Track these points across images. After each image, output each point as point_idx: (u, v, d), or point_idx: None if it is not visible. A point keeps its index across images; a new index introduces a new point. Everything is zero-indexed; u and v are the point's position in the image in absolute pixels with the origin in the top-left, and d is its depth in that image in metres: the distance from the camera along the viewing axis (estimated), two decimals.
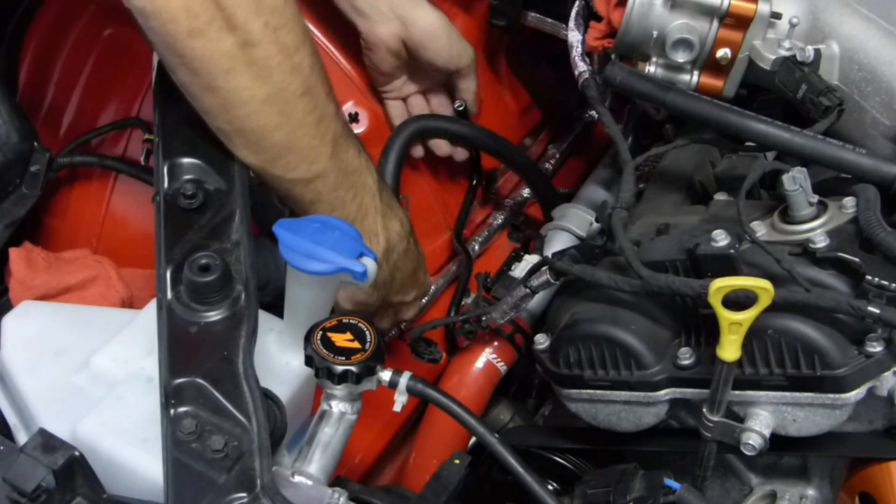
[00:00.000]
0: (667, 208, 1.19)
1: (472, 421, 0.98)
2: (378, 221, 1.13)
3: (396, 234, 1.17)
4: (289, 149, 1.04)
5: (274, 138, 1.03)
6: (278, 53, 0.99)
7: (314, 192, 1.08)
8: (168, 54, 0.97)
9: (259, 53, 0.98)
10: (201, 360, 0.92)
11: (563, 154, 1.64)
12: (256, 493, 0.84)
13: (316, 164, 1.06)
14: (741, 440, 1.02)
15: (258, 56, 0.98)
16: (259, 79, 0.99)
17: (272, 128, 1.02)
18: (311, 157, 1.06)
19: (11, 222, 1.32)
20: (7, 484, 0.84)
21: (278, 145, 1.04)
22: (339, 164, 1.08)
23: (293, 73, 1.01)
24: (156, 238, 1.00)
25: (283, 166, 1.06)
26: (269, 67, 0.99)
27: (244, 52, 0.97)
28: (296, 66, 1.01)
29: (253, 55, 0.98)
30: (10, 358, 1.05)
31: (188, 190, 1.02)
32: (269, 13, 0.97)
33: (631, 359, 1.06)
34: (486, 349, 1.35)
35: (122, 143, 1.39)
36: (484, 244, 1.49)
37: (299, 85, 1.02)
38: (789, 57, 1.13)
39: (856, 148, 1.06)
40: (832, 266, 0.98)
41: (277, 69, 1.00)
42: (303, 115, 1.03)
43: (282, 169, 1.06)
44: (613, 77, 1.17)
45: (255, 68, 0.98)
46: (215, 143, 1.05)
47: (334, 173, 1.08)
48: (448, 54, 1.35)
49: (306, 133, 1.04)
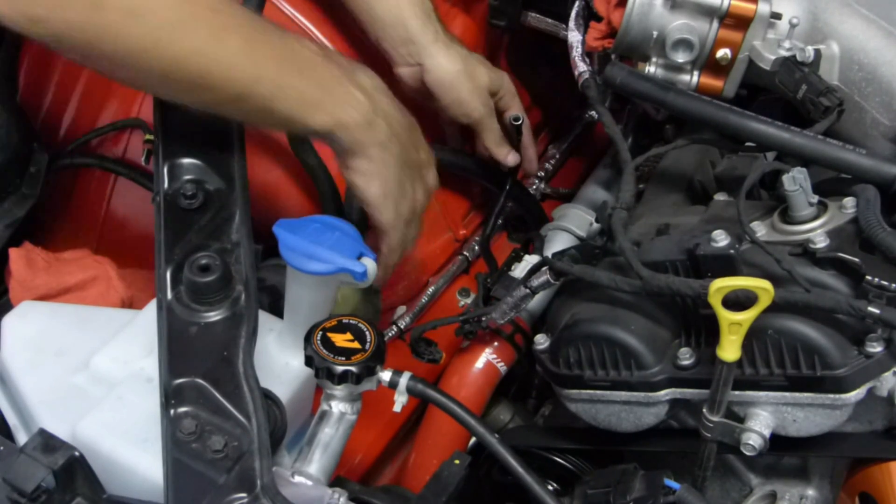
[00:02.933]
0: (667, 208, 1.19)
1: (472, 421, 0.98)
2: (345, 83, 1.05)
3: (370, 85, 1.08)
4: (209, 69, 0.97)
5: (192, 62, 0.96)
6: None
7: (260, 98, 1.01)
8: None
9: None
10: (201, 360, 0.92)
11: (563, 154, 1.64)
12: (256, 494, 0.84)
13: (248, 72, 0.99)
14: (741, 440, 1.02)
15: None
16: (170, 1, 0.94)
17: (190, 51, 0.96)
18: (241, 67, 0.99)
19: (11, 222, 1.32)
20: (7, 484, 0.84)
21: (198, 67, 0.97)
22: (273, 63, 1.01)
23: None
24: (156, 238, 1.00)
25: (209, 87, 0.98)
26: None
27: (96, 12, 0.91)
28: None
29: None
30: (10, 358, 1.05)
31: (188, 190, 1.02)
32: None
33: (631, 359, 1.06)
34: (486, 349, 1.35)
35: (123, 144, 1.39)
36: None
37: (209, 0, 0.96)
38: (789, 57, 1.13)
39: (856, 148, 1.06)
40: (832, 266, 0.98)
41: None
42: (217, 30, 0.97)
43: (209, 90, 0.99)
44: (613, 77, 1.17)
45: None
46: (215, 143, 1.05)
47: (271, 73, 1.00)
48: (459, 109, 1.34)
49: (226, 46, 0.98)
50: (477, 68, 1.34)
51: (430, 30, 1.30)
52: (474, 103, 1.33)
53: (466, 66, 1.32)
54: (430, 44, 1.29)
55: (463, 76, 1.31)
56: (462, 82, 1.31)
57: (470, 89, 1.32)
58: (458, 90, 1.32)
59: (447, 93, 1.32)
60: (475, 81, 1.33)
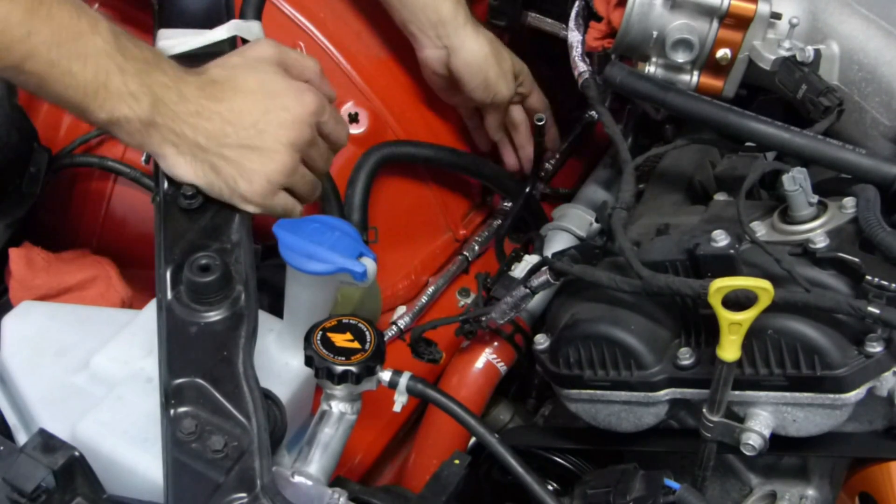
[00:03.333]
0: (667, 208, 1.19)
1: (472, 421, 0.98)
2: (130, 81, 0.97)
3: (162, 85, 1.00)
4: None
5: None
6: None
7: (33, 75, 0.95)
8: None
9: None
10: (201, 360, 0.92)
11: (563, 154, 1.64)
12: (256, 494, 0.84)
13: (13, 50, 0.93)
14: (741, 440, 1.02)
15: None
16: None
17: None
18: (7, 37, 0.92)
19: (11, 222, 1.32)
20: (7, 484, 0.84)
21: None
22: (48, 39, 0.94)
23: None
24: (156, 238, 1.00)
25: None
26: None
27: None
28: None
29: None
30: (10, 358, 1.05)
31: (188, 190, 1.02)
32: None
33: (631, 359, 1.06)
34: (486, 349, 1.35)
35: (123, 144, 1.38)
36: (484, 244, 1.49)
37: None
38: (789, 57, 1.13)
39: (856, 148, 1.06)
40: (832, 266, 0.98)
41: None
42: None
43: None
44: (613, 77, 1.17)
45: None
46: None
47: (44, 49, 0.94)
48: (484, 92, 1.36)
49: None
50: (502, 51, 1.37)
51: (462, 13, 1.32)
52: (500, 85, 1.36)
53: (493, 48, 1.35)
54: (461, 27, 1.32)
55: (492, 58, 1.34)
56: (491, 65, 1.34)
57: (497, 72, 1.35)
58: (486, 72, 1.34)
59: (475, 75, 1.34)
60: (503, 65, 1.36)
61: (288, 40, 1.35)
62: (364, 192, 1.32)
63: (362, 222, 1.32)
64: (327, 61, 1.37)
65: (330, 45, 1.37)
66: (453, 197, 1.48)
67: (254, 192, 1.01)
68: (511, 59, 1.39)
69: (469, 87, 1.36)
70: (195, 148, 1.01)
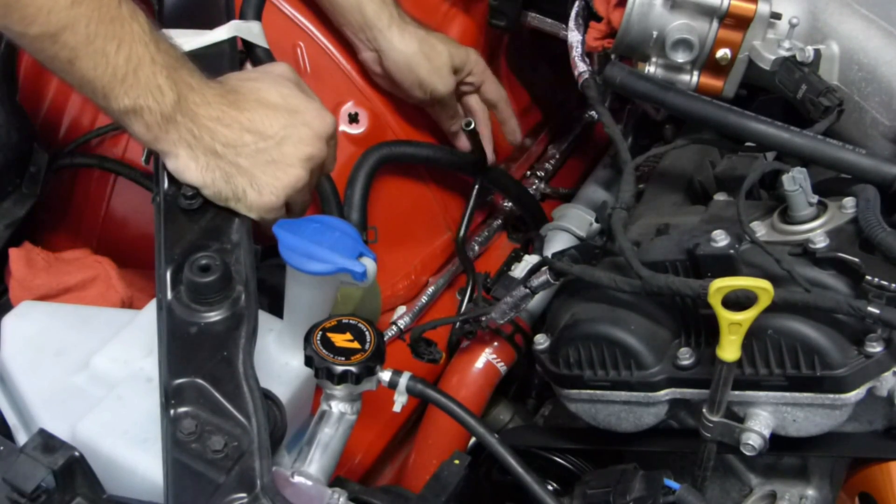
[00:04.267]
0: (667, 208, 1.19)
1: (472, 421, 0.98)
2: (159, 73, 0.98)
3: (187, 85, 1.00)
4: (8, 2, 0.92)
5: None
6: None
7: (66, 47, 0.95)
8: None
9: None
10: (201, 360, 0.92)
11: (563, 154, 1.64)
12: (256, 494, 0.84)
13: (55, 14, 0.93)
14: (741, 440, 1.02)
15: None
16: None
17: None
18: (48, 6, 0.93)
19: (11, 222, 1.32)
20: (7, 484, 0.84)
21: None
22: (89, 13, 0.95)
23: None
24: (156, 238, 1.00)
25: (19, 20, 0.93)
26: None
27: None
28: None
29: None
30: (10, 358, 1.05)
31: (188, 190, 1.02)
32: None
33: (631, 359, 1.06)
34: (486, 349, 1.35)
35: (123, 144, 1.39)
36: (484, 244, 1.50)
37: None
38: (789, 57, 1.13)
39: (856, 148, 1.06)
40: (832, 266, 0.98)
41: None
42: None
43: (20, 23, 0.94)
44: (613, 77, 1.17)
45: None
46: None
47: (84, 23, 0.94)
48: (419, 90, 1.34)
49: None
50: (435, 47, 1.33)
51: (385, 14, 1.30)
52: (435, 82, 1.33)
53: (422, 46, 1.32)
54: (385, 28, 1.30)
55: (420, 57, 1.32)
56: (420, 63, 1.32)
57: (429, 69, 1.32)
58: (416, 71, 1.32)
59: (407, 76, 1.33)
60: (434, 61, 1.33)
61: (288, 40, 1.36)
62: (363, 191, 1.32)
63: (362, 222, 1.31)
64: (327, 61, 1.37)
65: (330, 45, 1.37)
66: (453, 197, 1.48)
67: (261, 204, 1.02)
68: (449, 53, 1.34)
69: (403, 86, 1.34)
70: (210, 153, 1.01)
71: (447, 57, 1.34)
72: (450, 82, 1.35)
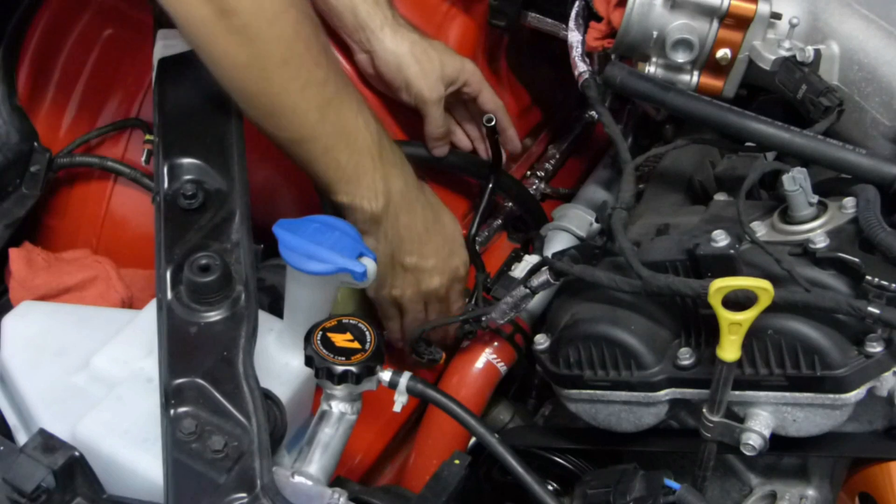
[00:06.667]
0: (667, 208, 1.19)
1: (472, 421, 0.98)
2: (377, 180, 1.14)
3: (398, 192, 1.17)
4: (273, 112, 1.08)
5: (258, 101, 1.07)
6: (256, 21, 1.01)
7: (307, 152, 1.11)
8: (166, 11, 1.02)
9: (237, 21, 1.00)
10: (201, 360, 0.92)
11: (563, 154, 1.64)
12: (256, 494, 0.84)
13: (304, 128, 1.09)
14: (741, 440, 1.02)
15: (236, 24, 1.00)
16: (238, 45, 1.01)
17: (255, 92, 1.06)
18: (298, 121, 1.08)
19: (11, 222, 1.32)
20: (7, 484, 0.84)
21: (264, 108, 1.07)
22: (330, 128, 1.10)
23: (274, 42, 1.03)
24: (156, 238, 1.00)
25: (273, 125, 1.09)
26: (248, 35, 1.01)
27: (222, 19, 0.99)
28: (277, 34, 1.03)
29: (231, 23, 0.99)
30: (10, 358, 1.05)
31: (188, 190, 1.02)
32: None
33: (631, 359, 1.06)
34: (486, 349, 1.34)
35: (123, 144, 1.39)
36: (484, 244, 1.49)
37: (280, 53, 1.03)
38: (789, 57, 1.13)
39: (856, 148, 1.06)
40: (832, 266, 0.98)
41: (256, 37, 1.01)
42: (285, 81, 1.05)
43: (273, 127, 1.09)
44: (613, 77, 1.17)
45: (234, 36, 1.00)
46: (215, 143, 1.05)
47: (324, 136, 1.10)
48: (406, 94, 1.33)
49: (290, 98, 1.07)
50: (427, 52, 1.32)
51: (378, 15, 1.30)
52: (421, 87, 1.32)
53: (414, 49, 1.31)
54: (378, 29, 1.30)
55: (409, 58, 1.31)
56: (408, 65, 1.31)
57: (417, 72, 1.31)
58: (404, 73, 1.31)
59: (395, 78, 1.32)
60: (423, 65, 1.32)
61: None
62: None
63: None
64: None
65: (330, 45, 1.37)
66: (453, 197, 1.47)
67: (400, 296, 1.24)
68: (441, 62, 1.33)
69: (392, 87, 1.33)
70: (386, 254, 1.20)
71: (438, 64, 1.33)
72: (437, 89, 1.33)
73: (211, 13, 0.99)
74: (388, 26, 1.30)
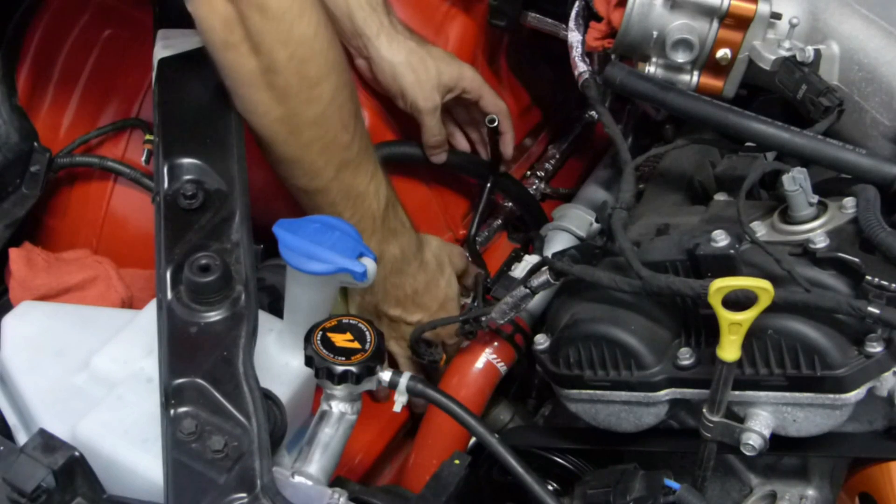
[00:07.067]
0: (667, 208, 1.19)
1: (472, 421, 0.98)
2: (373, 243, 1.19)
3: (391, 258, 1.23)
4: (292, 161, 1.13)
5: (281, 150, 1.11)
6: (298, 83, 1.06)
7: (314, 202, 1.16)
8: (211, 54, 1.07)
9: (279, 81, 1.05)
10: (201, 360, 0.92)
11: (563, 154, 1.64)
12: (256, 494, 0.84)
13: (317, 181, 1.14)
14: (741, 440, 1.02)
15: (278, 83, 1.05)
16: (276, 101, 1.06)
17: (280, 141, 1.10)
18: (313, 174, 1.14)
19: (11, 222, 1.32)
20: (7, 484, 0.84)
21: (284, 156, 1.12)
22: (342, 186, 1.15)
23: (309, 103, 1.08)
24: (156, 238, 1.00)
25: (288, 173, 1.15)
26: (287, 94, 1.06)
27: (265, 76, 1.04)
28: (314, 97, 1.07)
29: (273, 80, 1.05)
30: (10, 358, 1.05)
31: (188, 190, 1.02)
32: (297, 45, 1.03)
33: (631, 359, 1.06)
34: (486, 349, 1.34)
35: (123, 144, 1.39)
36: (484, 244, 1.49)
37: (313, 114, 1.08)
38: (789, 57, 1.13)
39: (856, 148, 1.06)
40: (832, 266, 0.98)
41: (295, 97, 1.06)
42: (310, 139, 1.10)
43: (287, 173, 1.15)
44: (613, 77, 1.17)
45: (273, 92, 1.05)
46: (215, 143, 1.05)
47: (335, 192, 1.15)
48: (402, 101, 1.34)
49: (311, 153, 1.12)
50: (424, 61, 1.32)
51: (375, 22, 1.30)
52: (416, 95, 1.32)
53: (410, 57, 1.31)
54: (374, 36, 1.30)
55: (404, 67, 1.31)
56: (404, 73, 1.31)
57: (412, 81, 1.32)
58: (399, 82, 1.32)
59: (391, 85, 1.33)
60: (419, 74, 1.32)
61: None
62: None
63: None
64: None
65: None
66: (453, 197, 1.48)
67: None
68: (438, 70, 1.33)
69: (389, 95, 1.34)
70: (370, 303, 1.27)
71: (435, 73, 1.32)
72: (433, 99, 1.33)
73: (257, 68, 1.04)
74: (385, 34, 1.31)
